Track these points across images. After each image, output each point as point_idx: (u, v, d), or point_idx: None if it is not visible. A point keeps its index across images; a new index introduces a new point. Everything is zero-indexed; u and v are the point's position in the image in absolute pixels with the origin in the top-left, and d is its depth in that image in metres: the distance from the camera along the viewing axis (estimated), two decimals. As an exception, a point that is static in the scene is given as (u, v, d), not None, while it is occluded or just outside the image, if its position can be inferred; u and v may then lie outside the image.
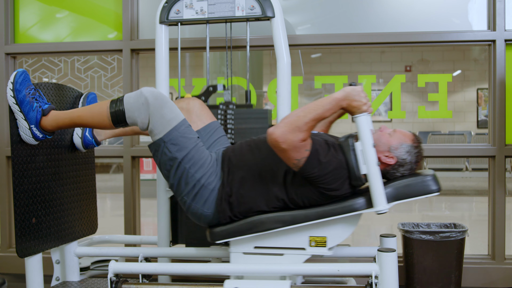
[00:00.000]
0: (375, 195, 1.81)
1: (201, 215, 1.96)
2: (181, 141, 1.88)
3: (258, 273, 1.94)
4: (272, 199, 1.91)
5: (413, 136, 1.96)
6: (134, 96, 1.88)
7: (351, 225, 1.92)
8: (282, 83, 2.41)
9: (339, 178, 1.83)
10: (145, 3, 3.19)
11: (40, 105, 1.99)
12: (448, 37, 2.96)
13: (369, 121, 1.82)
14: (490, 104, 2.99)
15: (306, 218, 1.88)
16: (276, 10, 2.41)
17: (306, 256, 1.95)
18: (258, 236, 1.95)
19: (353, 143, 1.85)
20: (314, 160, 1.78)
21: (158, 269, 2.13)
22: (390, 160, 1.91)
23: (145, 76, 3.15)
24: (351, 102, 1.78)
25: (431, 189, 1.87)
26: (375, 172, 1.80)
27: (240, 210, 1.93)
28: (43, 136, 2.00)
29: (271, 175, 1.91)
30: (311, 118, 1.74)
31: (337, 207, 1.86)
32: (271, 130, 1.74)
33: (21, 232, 2.01)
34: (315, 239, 1.94)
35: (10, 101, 1.96)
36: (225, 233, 1.95)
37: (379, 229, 5.08)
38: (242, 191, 1.92)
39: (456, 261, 2.64)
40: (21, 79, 1.96)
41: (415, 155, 1.93)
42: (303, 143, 1.75)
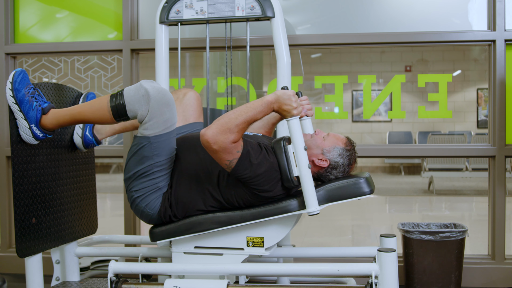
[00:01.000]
0: (307, 197, 1.83)
1: (142, 213, 1.99)
2: (164, 149, 1.91)
3: (197, 273, 1.97)
4: (209, 199, 1.94)
5: (346, 139, 2.00)
6: (134, 89, 1.88)
7: (287, 225, 1.96)
8: (282, 83, 2.42)
9: (271, 180, 1.85)
10: (145, 3, 3.19)
11: (40, 104, 1.98)
12: (448, 37, 2.96)
13: (300, 125, 1.85)
14: (490, 104, 2.99)
15: (242, 219, 1.91)
16: (276, 10, 2.41)
17: (244, 256, 1.98)
18: (197, 236, 1.99)
19: (286, 145, 1.88)
20: (245, 162, 1.80)
21: (158, 269, 2.13)
22: (323, 163, 1.94)
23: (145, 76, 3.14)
24: (282, 106, 1.81)
25: (363, 191, 1.89)
26: (306, 174, 1.83)
27: (179, 209, 1.96)
28: (43, 136, 2.00)
29: (207, 175, 1.94)
30: (242, 121, 1.76)
31: (271, 208, 1.90)
32: (203, 131, 1.76)
33: (21, 232, 2.01)
34: (252, 239, 1.97)
35: (9, 101, 1.96)
36: (165, 233, 1.98)
37: (379, 229, 5.08)
38: (179, 190, 1.95)
39: (456, 261, 2.64)
40: (20, 78, 1.96)
41: (348, 158, 1.96)
42: (233, 144, 1.77)
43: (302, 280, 2.61)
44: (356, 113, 11.30)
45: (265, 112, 1.81)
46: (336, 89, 3.10)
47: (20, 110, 1.96)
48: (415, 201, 7.03)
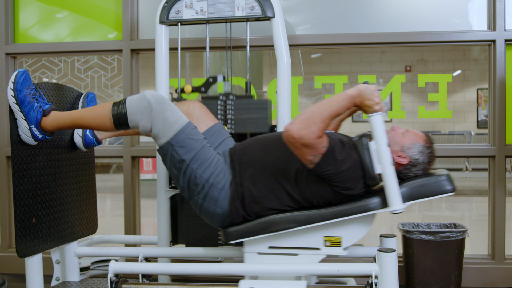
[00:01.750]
0: (390, 195, 1.79)
1: (214, 214, 1.95)
2: (188, 143, 1.89)
3: (271, 274, 1.92)
4: (286, 198, 1.90)
5: (425, 136, 1.96)
6: (137, 99, 1.88)
7: (366, 224, 1.91)
8: (282, 83, 2.42)
9: (353, 177, 1.82)
10: (145, 3, 3.19)
11: (41, 105, 1.99)
12: (448, 37, 2.96)
13: (382, 121, 1.81)
14: (490, 104, 2.99)
15: (321, 217, 1.86)
16: (276, 10, 2.41)
17: (321, 256, 1.94)
18: (272, 236, 1.93)
19: (367, 142, 1.84)
20: (329, 158, 1.77)
21: (158, 269, 2.13)
22: (403, 160, 1.91)
23: (145, 76, 3.15)
24: (364, 101, 1.78)
25: (446, 189, 1.85)
26: (390, 171, 1.79)
27: (253, 209, 1.92)
28: (42, 137, 2.00)
29: (283, 173, 1.90)
30: (327, 115, 1.74)
31: (352, 207, 1.85)
32: (287, 126, 1.73)
33: (21, 232, 2.01)
34: (330, 239, 1.92)
35: (10, 101, 1.96)
36: (239, 233, 1.93)
37: (379, 229, 5.08)
38: (254, 190, 1.91)
39: (456, 261, 2.64)
40: (22, 79, 1.96)
41: (428, 155, 1.93)
42: (319, 140, 1.73)
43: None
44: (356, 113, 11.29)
45: (348, 106, 1.78)
46: (336, 89, 3.10)
47: (21, 110, 1.96)
48: (415, 201, 7.00)
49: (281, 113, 2.42)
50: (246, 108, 2.47)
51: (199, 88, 2.55)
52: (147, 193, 4.47)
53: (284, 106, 2.42)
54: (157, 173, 2.48)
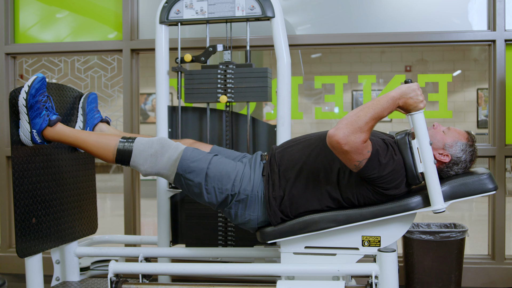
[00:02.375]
0: (433, 194, 1.78)
1: (248, 220, 1.96)
2: (194, 167, 1.92)
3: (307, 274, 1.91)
4: (326, 198, 1.89)
5: (467, 134, 1.95)
6: (145, 144, 1.94)
7: (405, 224, 1.89)
8: (282, 83, 2.42)
9: (397, 178, 1.81)
10: (145, 3, 3.19)
11: (48, 114, 1.99)
12: (448, 37, 2.96)
13: (424, 119, 1.79)
14: (490, 104, 2.99)
15: (361, 217, 1.85)
16: (276, 10, 2.41)
17: (359, 256, 1.92)
18: (310, 236, 1.92)
19: (410, 140, 1.82)
20: (374, 161, 1.75)
21: (158, 269, 2.13)
22: (445, 158, 1.89)
23: (145, 76, 3.15)
24: (408, 100, 1.75)
25: (488, 188, 1.83)
26: (432, 170, 1.77)
27: (292, 210, 1.92)
28: (41, 142, 2.01)
29: (324, 174, 1.89)
30: (371, 118, 1.70)
31: (393, 206, 1.83)
32: (332, 132, 1.69)
33: (21, 232, 2.01)
34: (368, 238, 1.91)
35: (20, 102, 1.95)
36: (277, 233, 1.92)
37: (379, 229, 5.07)
38: (294, 191, 1.91)
39: (456, 261, 2.64)
40: (39, 85, 1.96)
41: (470, 154, 1.91)
42: (364, 144, 1.71)
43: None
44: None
45: (391, 108, 1.75)
46: (336, 89, 3.10)
47: (27, 113, 1.96)
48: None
49: (281, 113, 2.42)
50: (246, 77, 2.46)
51: (199, 57, 2.54)
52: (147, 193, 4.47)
53: (284, 106, 2.42)
54: (157, 173, 2.47)
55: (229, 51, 2.54)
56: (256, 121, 2.58)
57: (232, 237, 2.51)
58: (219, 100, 2.47)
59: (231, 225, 2.51)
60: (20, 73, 3.48)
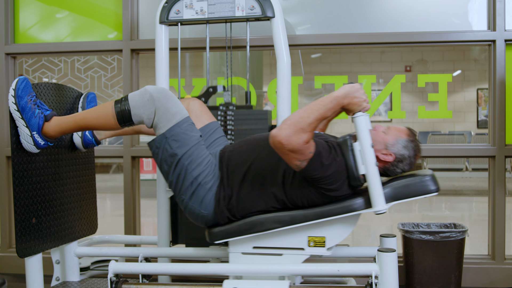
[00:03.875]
0: (374, 195, 1.81)
1: (198, 215, 1.96)
2: (182, 138, 1.89)
3: (256, 273, 1.94)
4: (271, 199, 1.91)
5: (407, 130, 1.97)
6: (139, 94, 1.88)
7: (349, 225, 1.92)
8: (282, 83, 2.42)
9: (339, 179, 1.83)
10: (145, 3, 3.19)
11: (42, 111, 1.98)
12: (448, 37, 2.96)
13: (368, 121, 1.82)
14: (490, 104, 2.99)
15: (305, 218, 1.88)
16: (276, 10, 2.41)
17: (305, 256, 1.95)
18: (257, 236, 1.95)
19: (352, 143, 1.85)
20: (316, 162, 1.77)
21: (158, 269, 2.13)
22: (388, 157, 1.91)
23: (145, 76, 3.15)
24: (352, 100, 1.78)
25: (429, 189, 1.86)
26: (373, 172, 1.80)
27: (239, 210, 1.93)
28: (44, 143, 2.00)
29: (270, 175, 1.91)
30: (315, 118, 1.73)
31: (336, 207, 1.86)
32: (275, 132, 1.72)
33: (21, 232, 2.01)
34: (314, 239, 1.94)
35: (11, 108, 1.95)
36: (224, 234, 1.95)
37: (379, 229, 5.08)
38: (241, 191, 1.92)
39: (456, 261, 2.64)
40: (23, 86, 1.96)
41: (413, 149, 1.94)
42: (307, 145, 1.73)
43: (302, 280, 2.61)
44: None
45: (335, 108, 1.78)
46: (336, 89, 3.09)
47: (22, 117, 1.96)
48: (415, 201, 7.02)
49: (281, 113, 2.42)
50: (246, 119, 2.48)
51: (199, 97, 2.55)
52: (147, 193, 4.48)
53: (284, 106, 2.42)
54: (157, 173, 2.47)
55: (229, 92, 2.56)
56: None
57: (232, 237, 2.51)
58: None
59: (231, 225, 2.51)
60: (20, 73, 3.48)
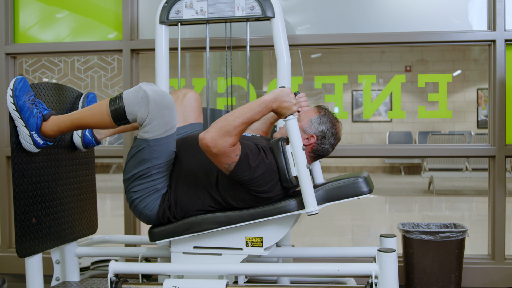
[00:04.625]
0: (306, 197, 1.84)
1: (141, 214, 1.99)
2: (162, 151, 1.90)
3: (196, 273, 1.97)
4: (207, 199, 1.94)
5: (316, 108, 2.00)
6: (133, 91, 1.88)
7: (285, 225, 1.96)
8: (282, 83, 2.42)
9: (269, 181, 1.85)
10: (145, 3, 3.19)
11: (40, 110, 1.99)
12: (448, 37, 2.96)
13: (297, 124, 1.84)
14: (490, 104, 2.99)
15: (241, 219, 1.91)
16: (276, 10, 2.41)
17: (243, 256, 1.98)
18: (196, 236, 1.99)
19: (284, 145, 1.87)
20: (244, 165, 1.79)
21: (158, 269, 2.13)
22: (311, 139, 1.94)
23: (145, 76, 3.14)
24: (281, 103, 1.80)
25: (361, 191, 1.91)
26: (305, 174, 1.83)
27: (177, 210, 1.95)
28: (44, 143, 2.00)
29: (205, 176, 1.93)
30: (241, 122, 1.75)
31: (270, 209, 1.90)
32: (202, 135, 1.74)
33: (21, 232, 2.01)
34: (251, 239, 1.97)
35: (10, 108, 1.96)
36: (164, 233, 1.98)
37: (379, 229, 5.08)
38: (178, 191, 1.95)
39: (456, 261, 2.64)
40: (21, 85, 1.96)
41: (329, 122, 1.97)
42: (232, 148, 1.76)
43: (302, 280, 2.61)
44: (356, 113, 11.29)
45: (263, 112, 1.80)
46: (336, 89, 3.10)
47: (21, 117, 1.96)
48: (415, 201, 7.02)
49: (281, 113, 2.42)
50: None
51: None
52: (147, 193, 4.47)
53: (284, 106, 2.41)
54: (157, 173, 2.47)
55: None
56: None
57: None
58: None
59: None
60: (20, 73, 3.48)
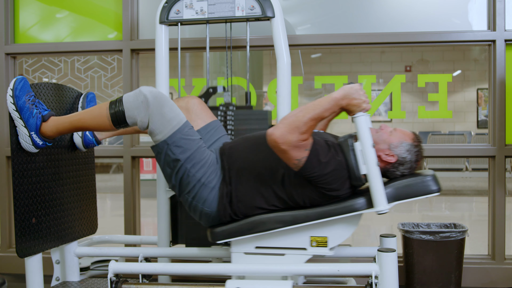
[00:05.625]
0: (376, 195, 1.80)
1: (201, 213, 1.96)
2: (184, 143, 1.89)
3: (258, 273, 1.94)
4: (272, 197, 1.91)
5: (413, 135, 1.97)
6: (133, 95, 1.87)
7: (352, 225, 1.92)
8: (282, 83, 2.42)
9: (339, 178, 1.82)
10: (145, 3, 3.19)
11: (40, 111, 1.99)
12: (448, 37, 2.96)
13: (368, 121, 1.82)
14: (490, 104, 2.99)
15: (307, 218, 1.87)
16: (276, 10, 2.41)
17: (307, 256, 1.95)
18: (259, 236, 1.95)
19: (353, 143, 1.85)
20: (314, 160, 1.77)
21: (158, 269, 2.13)
22: (391, 158, 1.91)
23: (145, 76, 3.15)
24: (351, 101, 1.77)
25: (431, 189, 1.86)
26: (375, 172, 1.80)
27: (240, 208, 1.93)
28: (43, 143, 2.00)
29: (270, 173, 1.90)
30: (310, 118, 1.73)
31: (337, 207, 1.86)
32: (271, 131, 1.73)
33: (21, 232, 2.01)
34: (316, 239, 1.93)
35: (10, 108, 1.96)
36: (226, 233, 1.95)
37: (379, 229, 5.08)
38: (241, 189, 1.92)
39: (456, 261, 2.64)
40: (21, 85, 1.96)
41: (415, 154, 1.93)
42: (303, 143, 1.74)
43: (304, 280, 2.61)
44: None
45: (333, 109, 1.77)
46: (336, 89, 3.09)
47: (20, 117, 1.96)
48: (415, 201, 7.00)
49: (281, 113, 2.42)
50: (246, 119, 2.48)
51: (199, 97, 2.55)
52: (147, 193, 4.47)
53: (284, 106, 2.41)
54: (157, 173, 2.47)
55: (229, 92, 2.56)
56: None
57: (232, 237, 2.51)
58: None
59: (231, 225, 2.51)
60: (20, 73, 3.48)
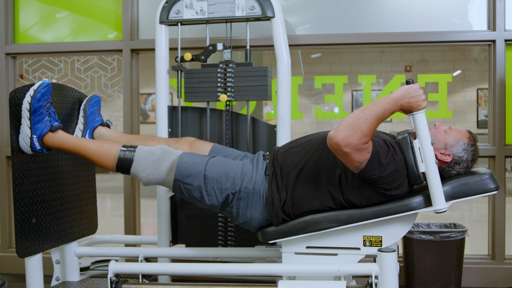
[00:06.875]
0: (434, 194, 1.77)
1: (250, 219, 1.96)
2: (191, 170, 1.92)
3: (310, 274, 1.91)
4: (327, 199, 1.89)
5: (469, 133, 1.94)
6: (147, 151, 1.94)
7: (407, 224, 1.89)
8: (282, 83, 2.42)
9: (399, 178, 1.80)
10: (145, 3, 3.19)
11: (51, 120, 1.99)
12: (448, 37, 2.96)
13: (425, 118, 1.79)
14: (490, 104, 2.99)
15: (363, 217, 1.85)
16: (276, 10, 2.41)
17: (360, 256, 1.92)
18: (311, 236, 1.92)
19: (411, 140, 1.82)
20: (375, 162, 1.74)
21: (158, 269, 2.13)
22: (447, 157, 1.89)
23: (145, 76, 3.15)
24: (410, 100, 1.75)
25: (489, 188, 1.83)
26: (434, 170, 1.77)
27: (294, 210, 1.92)
28: (40, 149, 2.00)
29: (326, 175, 1.88)
30: (372, 120, 1.69)
31: (394, 206, 1.83)
32: (332, 133, 1.69)
33: (21, 232, 2.01)
34: (370, 238, 1.91)
35: (24, 106, 1.95)
36: (278, 233, 1.92)
37: (379, 229, 5.07)
38: (296, 192, 1.91)
39: (456, 261, 2.64)
40: (44, 90, 1.97)
41: (472, 153, 1.91)
42: (365, 146, 1.70)
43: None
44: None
45: (393, 109, 1.74)
46: (336, 89, 3.10)
47: (30, 118, 1.96)
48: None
49: (281, 113, 2.42)
50: (246, 76, 2.46)
51: (199, 56, 2.54)
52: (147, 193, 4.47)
53: (284, 106, 2.42)
54: (157, 173, 2.47)
55: (229, 50, 2.54)
56: (256, 121, 2.58)
57: (232, 237, 2.51)
58: (219, 99, 2.47)
59: (231, 225, 2.51)
60: (20, 73, 3.48)
